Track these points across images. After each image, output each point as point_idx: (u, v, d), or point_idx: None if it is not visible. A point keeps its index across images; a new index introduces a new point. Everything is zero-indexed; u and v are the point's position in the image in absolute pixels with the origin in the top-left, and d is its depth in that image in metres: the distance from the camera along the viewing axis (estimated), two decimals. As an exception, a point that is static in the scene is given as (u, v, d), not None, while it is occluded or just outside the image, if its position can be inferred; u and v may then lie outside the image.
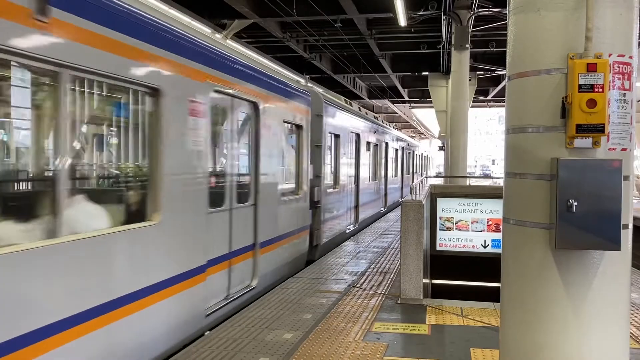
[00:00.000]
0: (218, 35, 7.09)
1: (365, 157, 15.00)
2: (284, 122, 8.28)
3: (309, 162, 9.77)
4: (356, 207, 14.05)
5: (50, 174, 4.01)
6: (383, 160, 18.12)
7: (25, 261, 3.39)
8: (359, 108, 15.89)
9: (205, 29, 6.55)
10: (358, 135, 14.00)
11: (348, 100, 14.81)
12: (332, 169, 11.84)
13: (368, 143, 15.37)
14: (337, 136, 11.87)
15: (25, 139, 4.45)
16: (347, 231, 12.93)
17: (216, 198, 6.00)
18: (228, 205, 6.33)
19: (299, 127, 9.14)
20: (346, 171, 12.74)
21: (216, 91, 5.86)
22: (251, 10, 13.60)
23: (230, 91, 6.25)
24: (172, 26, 5.07)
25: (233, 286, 6.41)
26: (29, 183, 4.62)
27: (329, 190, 11.24)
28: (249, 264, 6.91)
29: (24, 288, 3.38)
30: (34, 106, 4.13)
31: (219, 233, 6.03)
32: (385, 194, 18.90)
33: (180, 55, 5.10)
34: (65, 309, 3.72)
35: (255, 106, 7.06)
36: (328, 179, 11.32)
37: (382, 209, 18.26)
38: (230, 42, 7.27)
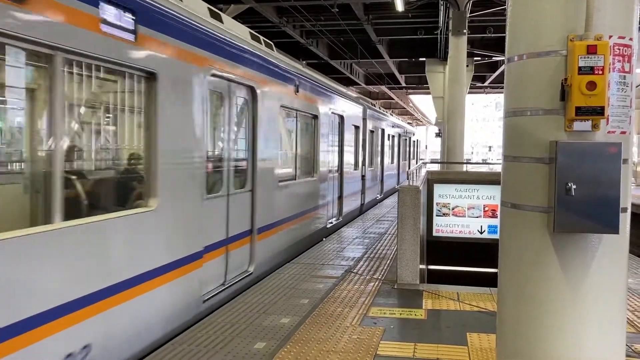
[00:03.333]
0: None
1: (349, 142, 13.29)
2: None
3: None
4: (340, 197, 12.52)
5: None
6: (363, 147, 15.44)
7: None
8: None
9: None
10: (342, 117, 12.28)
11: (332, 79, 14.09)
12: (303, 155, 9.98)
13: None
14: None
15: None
16: (329, 225, 11.48)
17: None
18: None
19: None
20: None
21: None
22: (247, -6, 13.50)
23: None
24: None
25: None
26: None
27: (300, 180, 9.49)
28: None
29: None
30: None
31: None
32: (363, 190, 15.53)
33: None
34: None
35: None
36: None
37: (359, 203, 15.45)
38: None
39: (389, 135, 20.62)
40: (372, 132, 16.38)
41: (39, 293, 3.52)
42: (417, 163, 30.55)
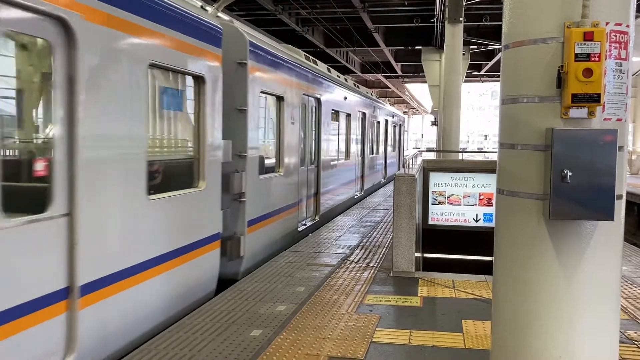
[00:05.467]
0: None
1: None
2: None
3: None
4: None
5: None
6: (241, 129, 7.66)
7: None
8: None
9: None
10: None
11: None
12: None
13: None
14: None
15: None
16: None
17: None
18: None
19: None
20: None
21: None
22: (242, -18, 13.40)
23: None
24: None
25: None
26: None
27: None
28: None
29: None
30: None
31: None
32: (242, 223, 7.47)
33: None
34: None
35: None
36: None
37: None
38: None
39: (338, 111, 12.63)
40: (279, 99, 8.39)
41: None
42: (400, 160, 24.81)
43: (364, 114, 15.72)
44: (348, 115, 13.81)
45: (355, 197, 15.00)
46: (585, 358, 2.91)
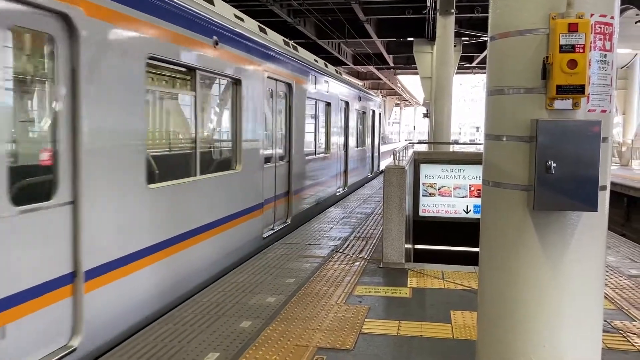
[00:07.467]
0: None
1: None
2: None
3: None
4: None
5: None
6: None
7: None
8: None
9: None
10: None
11: None
12: None
13: None
14: None
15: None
16: None
17: None
18: None
19: None
20: None
21: None
22: (233, -28, 13.30)
23: None
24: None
25: None
26: None
27: None
28: None
29: None
30: None
31: None
32: None
33: None
34: None
35: None
36: None
37: None
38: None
39: (172, 62, 5.32)
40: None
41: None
42: (374, 165, 19.65)
43: (289, 86, 9.19)
44: (217, 79, 6.67)
45: (266, 237, 8.15)
46: (569, 347, 2.95)
